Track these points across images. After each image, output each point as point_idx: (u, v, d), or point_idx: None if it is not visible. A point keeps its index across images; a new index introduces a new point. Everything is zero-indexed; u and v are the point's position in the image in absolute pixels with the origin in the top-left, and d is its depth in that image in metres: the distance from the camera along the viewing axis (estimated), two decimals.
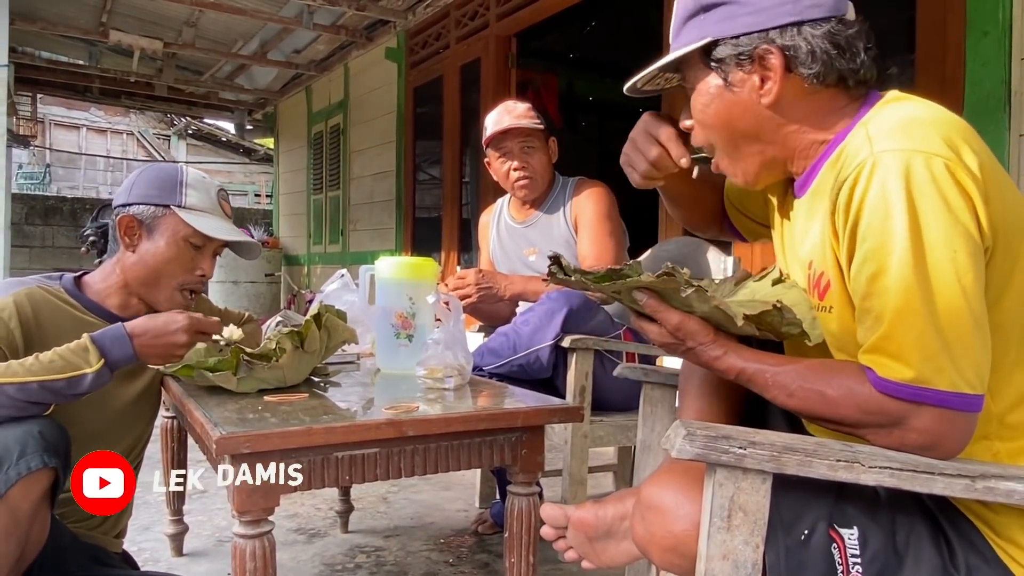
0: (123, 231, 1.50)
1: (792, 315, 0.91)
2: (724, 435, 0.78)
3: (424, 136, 5.83)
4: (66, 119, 16.71)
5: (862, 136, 0.85)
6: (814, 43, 0.89)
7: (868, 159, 0.81)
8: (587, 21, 5.78)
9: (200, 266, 1.54)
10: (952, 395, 0.78)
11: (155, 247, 1.49)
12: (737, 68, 0.93)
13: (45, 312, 1.41)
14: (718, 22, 0.93)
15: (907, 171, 0.78)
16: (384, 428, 1.15)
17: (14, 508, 1.13)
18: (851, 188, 0.82)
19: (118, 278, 1.52)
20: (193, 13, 6.06)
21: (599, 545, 1.03)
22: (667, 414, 1.38)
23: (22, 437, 1.15)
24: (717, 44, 0.93)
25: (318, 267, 7.53)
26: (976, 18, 2.35)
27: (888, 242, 0.79)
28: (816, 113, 0.94)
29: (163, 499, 2.12)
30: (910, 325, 0.78)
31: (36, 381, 1.18)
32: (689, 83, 1.00)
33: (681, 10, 0.99)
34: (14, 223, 8.18)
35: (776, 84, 0.91)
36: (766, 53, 0.91)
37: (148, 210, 1.50)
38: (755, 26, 0.91)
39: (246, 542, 1.07)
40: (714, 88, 0.96)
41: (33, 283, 1.44)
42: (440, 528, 2.34)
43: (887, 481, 0.78)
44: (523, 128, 2.16)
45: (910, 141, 0.80)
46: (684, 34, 0.97)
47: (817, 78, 0.90)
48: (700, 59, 0.96)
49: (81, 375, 1.22)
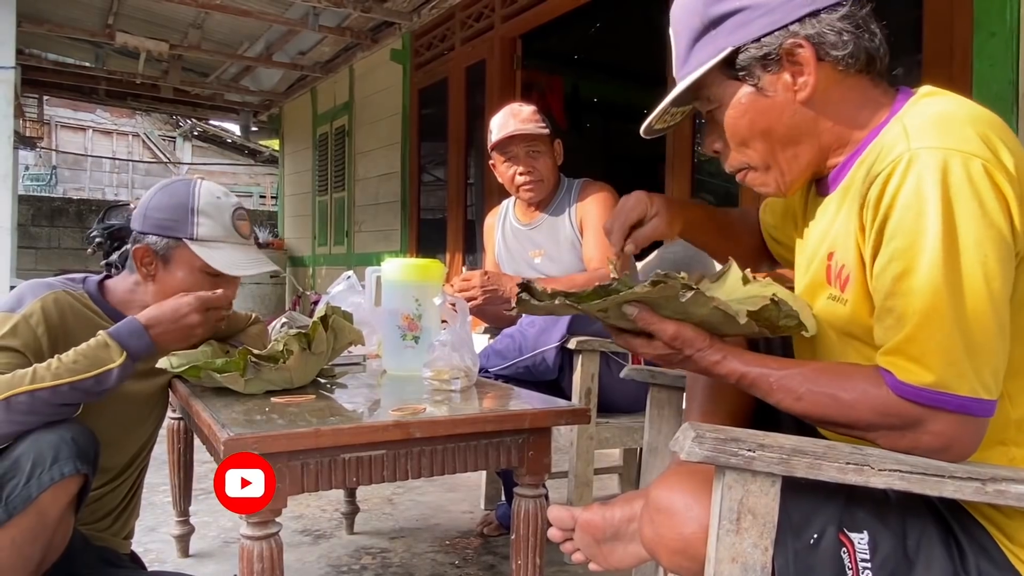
0: (139, 262, 1.48)
1: (788, 307, 0.90)
2: (733, 437, 0.77)
3: (429, 138, 5.84)
4: (72, 121, 16.77)
5: (898, 130, 0.84)
6: (837, 26, 0.89)
7: (904, 154, 0.80)
8: (592, 23, 5.79)
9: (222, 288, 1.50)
10: (971, 401, 0.78)
11: (172, 278, 1.48)
12: (764, 71, 0.92)
13: (70, 318, 1.40)
14: (732, 32, 0.92)
15: (944, 170, 0.77)
16: (391, 430, 1.15)
17: (43, 513, 1.14)
18: (884, 183, 0.81)
19: (141, 298, 1.49)
20: (199, 15, 6.08)
21: (607, 547, 1.03)
22: (674, 416, 1.38)
23: (56, 443, 1.17)
24: (738, 53, 0.92)
25: (323, 268, 7.53)
26: (983, 19, 2.34)
27: (918, 242, 0.78)
28: (848, 105, 0.93)
29: (169, 500, 2.12)
30: (936, 328, 0.78)
31: (67, 383, 1.20)
32: (712, 103, 0.97)
33: (684, 35, 0.97)
34: (20, 224, 8.23)
35: (811, 75, 0.90)
36: (795, 47, 0.89)
37: (162, 241, 1.47)
38: (773, 25, 0.90)
39: (253, 543, 1.07)
40: (745, 97, 0.94)
41: (59, 286, 1.42)
42: (446, 530, 2.34)
43: (897, 484, 0.77)
44: (528, 133, 2.16)
45: (948, 139, 0.79)
46: (695, 56, 0.95)
47: (849, 60, 0.90)
48: (722, 73, 0.94)
49: (107, 371, 1.24)
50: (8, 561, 1.14)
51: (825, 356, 0.97)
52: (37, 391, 1.17)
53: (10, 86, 4.30)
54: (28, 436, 1.18)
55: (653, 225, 1.11)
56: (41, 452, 1.15)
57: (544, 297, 0.93)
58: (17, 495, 1.13)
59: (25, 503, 1.13)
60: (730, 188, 3.68)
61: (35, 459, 1.14)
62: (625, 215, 1.11)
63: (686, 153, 3.52)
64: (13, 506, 1.12)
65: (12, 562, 1.14)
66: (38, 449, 1.15)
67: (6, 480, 1.13)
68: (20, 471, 1.14)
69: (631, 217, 1.11)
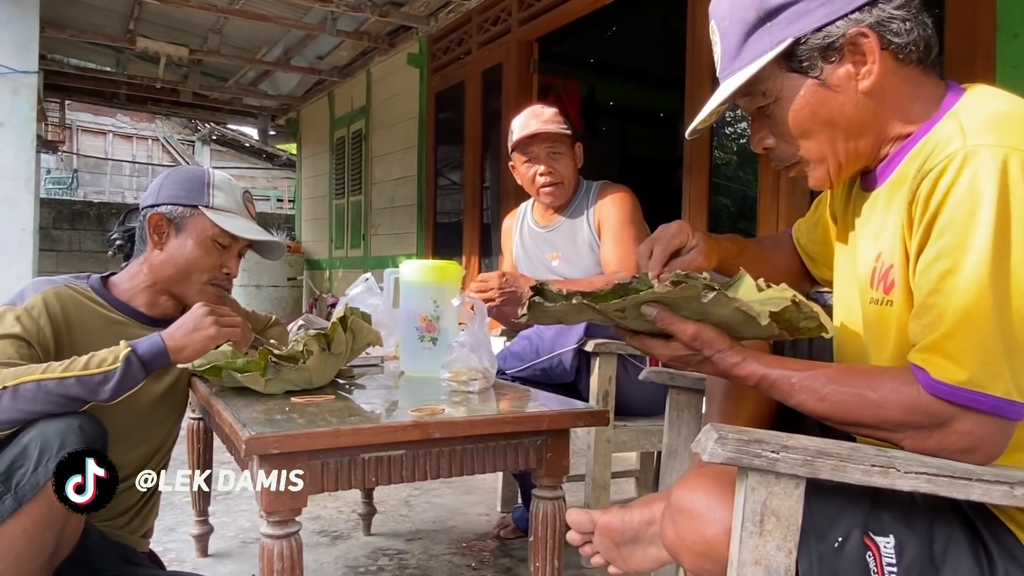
0: (152, 229, 1.53)
1: (809, 309, 0.88)
2: (756, 439, 0.77)
3: (445, 141, 5.85)
4: (93, 125, 16.98)
5: (953, 126, 0.83)
6: (899, 15, 0.88)
7: (960, 151, 0.78)
8: (609, 26, 5.79)
9: (227, 264, 1.58)
10: (1006, 402, 0.77)
11: (183, 246, 1.53)
12: (826, 62, 0.90)
13: (73, 310, 1.43)
14: (791, 23, 0.90)
15: (1003, 169, 0.76)
16: (410, 430, 1.15)
17: (53, 500, 1.15)
18: (936, 178, 0.79)
19: (145, 277, 1.55)
20: (218, 20, 6.14)
21: (626, 550, 1.02)
22: (693, 419, 1.37)
23: (63, 430, 1.18)
24: (798, 44, 0.90)
25: (339, 271, 7.57)
26: (1007, 19, 2.32)
27: (968, 239, 0.77)
28: (903, 96, 0.91)
29: (188, 500, 2.13)
30: (977, 328, 0.76)
31: (73, 376, 1.21)
32: (768, 98, 0.95)
33: (735, 29, 0.94)
34: (42, 227, 8.33)
35: (876, 63, 0.88)
36: (859, 36, 0.88)
37: (177, 210, 1.53)
38: (834, 14, 0.88)
39: (273, 543, 1.07)
40: (806, 90, 0.91)
41: (61, 282, 1.47)
42: (462, 532, 2.34)
43: (923, 487, 0.76)
44: (550, 133, 2.15)
45: (1008, 138, 0.78)
46: (749, 49, 0.93)
47: (911, 48, 0.88)
48: (780, 66, 0.92)
49: (112, 368, 1.24)
50: (23, 550, 1.15)
51: (869, 363, 0.95)
52: (44, 381, 1.19)
53: (33, 91, 4.35)
54: (35, 425, 1.18)
55: (691, 256, 1.08)
56: (48, 439, 1.16)
57: (558, 298, 0.91)
58: (26, 482, 1.13)
59: (34, 490, 1.14)
60: (747, 191, 3.66)
61: (42, 446, 1.15)
62: (667, 241, 1.07)
63: (704, 156, 3.50)
64: (23, 494, 1.13)
65: (27, 551, 1.15)
66: (44, 436, 1.16)
67: (15, 468, 1.14)
68: (28, 458, 1.15)
69: (672, 244, 1.07)
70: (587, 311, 0.93)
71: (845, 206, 1.06)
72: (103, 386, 1.24)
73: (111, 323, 1.48)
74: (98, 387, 1.23)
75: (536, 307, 0.93)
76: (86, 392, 1.23)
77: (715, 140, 3.64)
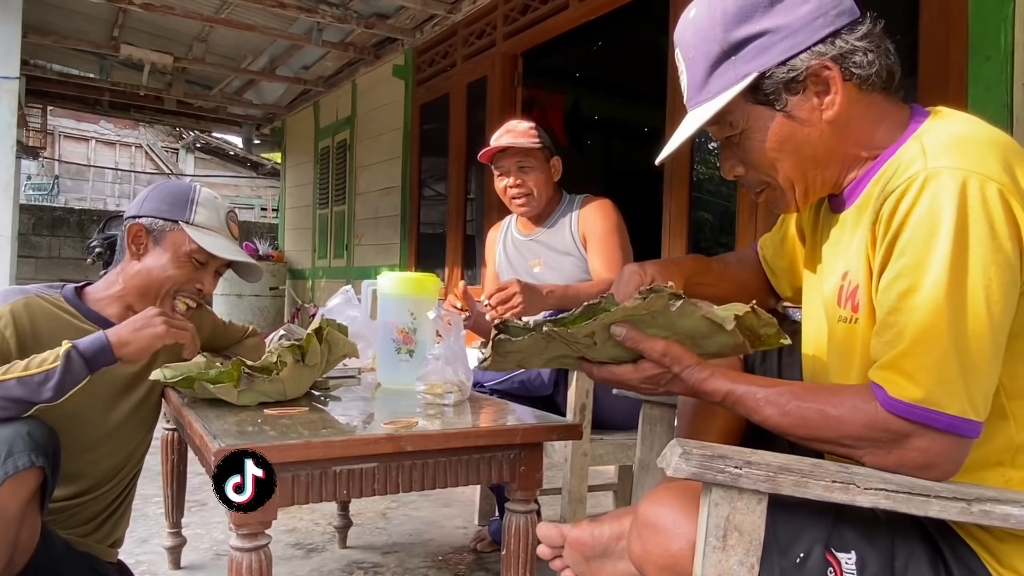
0: (131, 239, 1.52)
1: (766, 316, 0.90)
2: (720, 455, 0.78)
3: (430, 153, 5.87)
4: (75, 131, 16.83)
5: (916, 149, 0.84)
6: (860, 46, 0.90)
7: (920, 172, 0.80)
8: (594, 41, 5.83)
9: (201, 281, 1.57)
10: (960, 420, 0.78)
11: (159, 259, 1.52)
12: (790, 94, 0.91)
13: (42, 321, 1.42)
14: (755, 57, 0.91)
15: (962, 191, 0.78)
16: (383, 443, 1.15)
17: (2, 508, 1.12)
18: (898, 199, 0.81)
19: (119, 288, 1.54)
20: (204, 29, 6.13)
21: (595, 564, 1.02)
22: (666, 433, 1.38)
23: (9, 437, 1.16)
24: (763, 78, 0.91)
25: (322, 281, 7.54)
26: (979, 42, 2.36)
27: (927, 260, 0.78)
28: (867, 122, 0.93)
29: (161, 511, 2.11)
30: (932, 347, 0.78)
31: (14, 378, 1.20)
32: (734, 129, 0.96)
33: (701, 60, 0.95)
34: (21, 233, 8.25)
35: (839, 94, 0.90)
36: (821, 69, 0.90)
37: (157, 223, 1.53)
38: (796, 48, 0.90)
39: (243, 555, 1.07)
40: (772, 122, 0.93)
41: (33, 292, 1.46)
42: (439, 545, 2.33)
43: (883, 503, 0.78)
44: (519, 147, 2.18)
45: (967, 160, 0.79)
46: (715, 81, 0.94)
47: (873, 78, 0.90)
48: (746, 99, 0.93)
49: (52, 367, 1.22)
50: None
51: (836, 380, 0.96)
52: None
53: (14, 96, 4.32)
54: None
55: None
56: None
57: (523, 332, 0.91)
58: None
59: None
60: (728, 206, 3.69)
61: None
62: (622, 292, 1.09)
63: (684, 172, 3.54)
64: None
65: None
66: None
67: None
68: None
69: (628, 291, 1.08)
70: (555, 342, 0.93)
71: (814, 227, 1.08)
72: (44, 385, 1.22)
73: (81, 333, 1.46)
74: (39, 387, 1.21)
75: (500, 345, 0.92)
76: (28, 393, 1.21)
77: (696, 155, 3.67)
